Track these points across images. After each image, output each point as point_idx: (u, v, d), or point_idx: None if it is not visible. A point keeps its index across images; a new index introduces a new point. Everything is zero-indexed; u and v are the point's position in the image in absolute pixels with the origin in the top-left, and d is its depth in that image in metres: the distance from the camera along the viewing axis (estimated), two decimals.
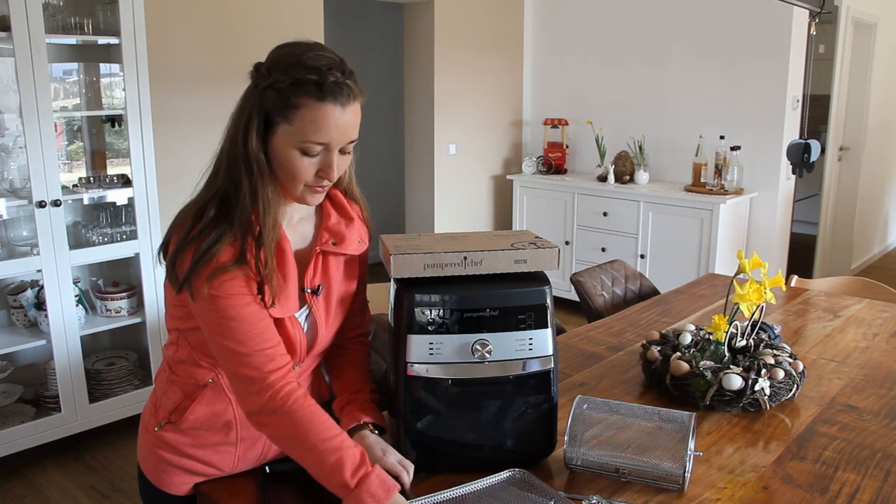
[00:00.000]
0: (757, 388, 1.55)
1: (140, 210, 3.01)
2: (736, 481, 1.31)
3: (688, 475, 1.26)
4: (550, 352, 1.29)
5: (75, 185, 3.01)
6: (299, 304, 1.26)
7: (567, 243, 4.82)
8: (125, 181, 3.08)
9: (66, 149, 3.17)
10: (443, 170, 4.93)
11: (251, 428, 1.25)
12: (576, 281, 2.58)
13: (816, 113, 4.63)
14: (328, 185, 1.21)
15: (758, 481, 1.31)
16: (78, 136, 3.20)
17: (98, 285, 3.11)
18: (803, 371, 1.67)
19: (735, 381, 1.55)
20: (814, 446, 1.44)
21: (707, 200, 4.16)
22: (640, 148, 4.71)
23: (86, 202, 3.12)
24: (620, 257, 3.58)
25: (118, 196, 3.12)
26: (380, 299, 1.67)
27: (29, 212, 2.79)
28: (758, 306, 1.66)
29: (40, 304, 2.87)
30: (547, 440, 1.34)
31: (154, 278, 3.08)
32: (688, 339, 1.76)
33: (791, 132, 4.32)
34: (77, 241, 2.98)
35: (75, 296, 2.91)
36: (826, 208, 5.41)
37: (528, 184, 5.00)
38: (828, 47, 5.17)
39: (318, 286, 1.28)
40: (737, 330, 1.70)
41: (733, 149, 4.27)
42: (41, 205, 2.72)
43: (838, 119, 5.31)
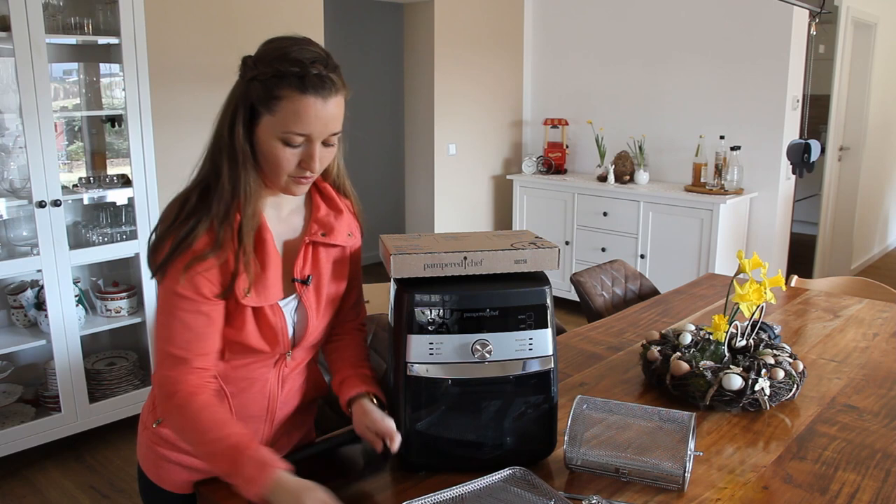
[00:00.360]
0: (757, 388, 1.55)
1: (140, 210, 3.01)
2: (736, 481, 1.31)
3: (688, 475, 1.26)
4: (550, 352, 1.29)
5: (75, 185, 3.01)
6: (286, 293, 1.28)
7: (567, 243, 4.82)
8: (125, 181, 3.08)
9: (66, 149, 3.17)
10: (443, 170, 4.94)
11: (246, 423, 1.28)
12: (576, 281, 2.58)
13: (816, 113, 4.63)
14: (311, 177, 1.22)
15: (758, 481, 1.31)
16: (78, 136, 3.20)
17: (98, 285, 3.11)
18: (803, 371, 1.67)
19: (735, 381, 1.55)
20: (814, 446, 1.44)
21: (707, 200, 4.17)
22: (640, 148, 4.71)
23: (86, 202, 3.12)
24: (620, 257, 3.58)
25: (118, 196, 3.12)
26: (380, 299, 1.67)
27: (29, 212, 2.79)
28: (758, 306, 1.66)
29: (40, 304, 2.87)
30: (547, 440, 1.34)
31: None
32: (688, 339, 1.76)
33: (791, 132, 4.32)
34: (77, 241, 2.98)
35: (75, 296, 2.91)
36: (826, 208, 5.41)
37: (528, 184, 5.00)
38: (828, 47, 5.17)
39: (309, 276, 1.29)
40: (737, 330, 1.70)
41: (733, 149, 4.27)
42: (41, 205, 2.72)
43: (838, 119, 5.31)
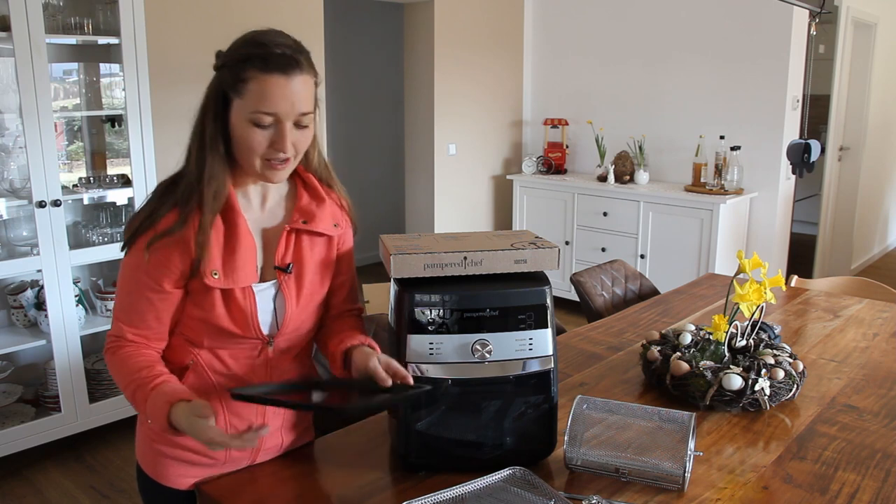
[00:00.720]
0: (757, 388, 1.55)
1: None
2: (736, 481, 1.31)
3: (688, 475, 1.26)
4: (550, 352, 1.29)
5: (75, 185, 3.01)
6: (266, 278, 1.29)
7: (567, 243, 4.82)
8: (125, 181, 3.08)
9: (66, 149, 3.17)
10: (443, 170, 4.93)
11: (240, 415, 1.31)
12: (576, 281, 2.58)
13: (816, 113, 4.63)
14: (287, 160, 1.23)
15: (758, 481, 1.31)
16: (78, 136, 3.20)
17: (98, 285, 3.11)
18: (803, 371, 1.67)
19: (735, 381, 1.55)
20: (814, 446, 1.44)
21: (707, 200, 4.17)
22: (640, 148, 4.71)
23: (86, 202, 3.12)
24: (620, 257, 3.58)
25: (118, 196, 3.12)
26: (380, 299, 1.67)
27: (29, 212, 2.79)
28: (758, 306, 1.66)
29: (40, 304, 2.87)
30: (547, 440, 1.34)
31: None
32: (688, 339, 1.76)
33: (791, 132, 4.32)
34: (77, 241, 2.98)
35: (75, 296, 2.91)
36: (826, 208, 5.41)
37: (528, 184, 5.00)
38: (828, 47, 5.17)
39: (289, 264, 1.30)
40: (737, 330, 1.70)
41: (733, 149, 4.27)
42: (41, 205, 2.72)
43: (838, 119, 5.31)
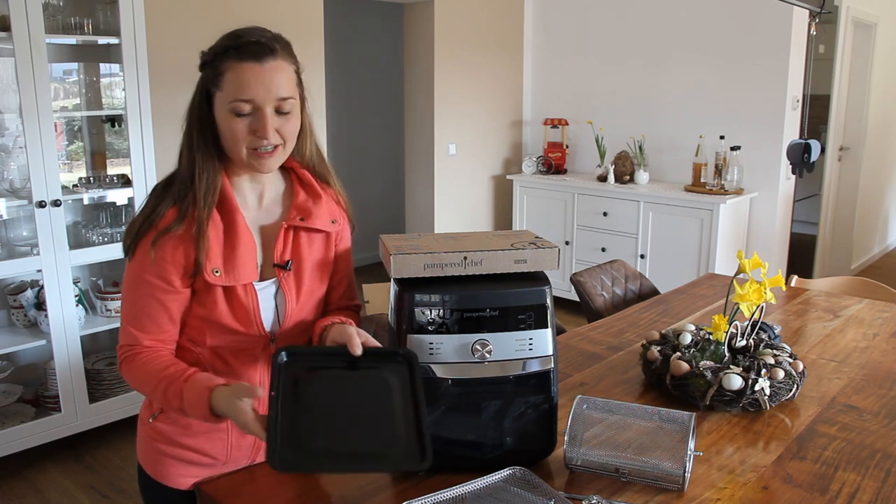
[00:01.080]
0: (757, 388, 1.55)
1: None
2: (736, 481, 1.31)
3: (688, 475, 1.26)
4: (550, 352, 1.29)
5: (75, 185, 3.01)
6: (266, 276, 1.30)
7: (567, 243, 4.82)
8: (125, 181, 3.08)
9: (66, 149, 3.17)
10: (443, 170, 4.94)
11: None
12: (576, 281, 2.58)
13: (816, 113, 4.63)
14: (273, 148, 1.23)
15: (758, 481, 1.31)
16: (78, 136, 3.20)
17: (98, 285, 3.11)
18: (803, 371, 1.67)
19: (735, 381, 1.55)
20: (814, 446, 1.44)
21: (707, 200, 4.16)
22: (640, 148, 4.71)
23: (86, 202, 3.12)
24: (620, 257, 3.58)
25: (118, 196, 3.12)
26: (380, 299, 1.67)
27: (29, 212, 2.79)
28: (758, 306, 1.66)
29: (40, 304, 2.87)
30: (547, 440, 1.34)
31: None
32: (688, 339, 1.76)
33: (791, 132, 4.32)
34: (77, 241, 2.98)
35: (75, 296, 2.91)
36: (826, 208, 5.41)
37: (528, 184, 5.00)
38: (828, 47, 5.17)
39: (288, 261, 1.31)
40: (737, 330, 1.70)
41: (733, 149, 4.27)
42: (41, 205, 2.72)
43: (838, 119, 5.31)
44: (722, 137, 4.32)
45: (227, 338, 1.29)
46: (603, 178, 4.74)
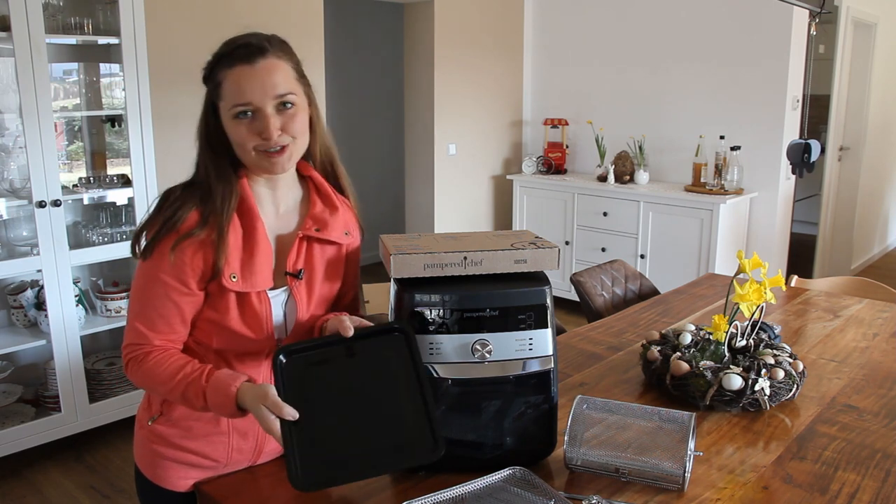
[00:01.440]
0: (757, 388, 1.55)
1: (140, 210, 3.00)
2: (736, 481, 1.31)
3: (688, 475, 1.26)
4: (550, 352, 1.29)
5: (75, 185, 3.01)
6: (277, 285, 1.30)
7: (567, 243, 4.82)
8: (125, 181, 3.08)
9: (66, 149, 3.17)
10: (443, 170, 4.93)
11: (241, 422, 1.30)
12: (576, 281, 2.58)
13: (816, 113, 4.63)
14: (278, 146, 1.24)
15: (758, 481, 1.31)
16: (78, 136, 3.20)
17: (98, 285, 3.11)
18: (803, 371, 1.67)
19: (735, 381, 1.55)
20: (814, 446, 1.44)
21: (707, 200, 4.16)
22: (640, 148, 4.71)
23: (86, 202, 3.12)
24: (620, 257, 3.58)
25: (118, 196, 3.12)
26: (380, 299, 1.67)
27: (29, 212, 2.79)
28: (758, 306, 1.66)
29: (40, 304, 2.87)
30: (547, 440, 1.34)
31: None
32: (688, 339, 1.76)
33: (791, 132, 4.32)
34: (77, 241, 2.98)
35: (75, 296, 2.91)
36: (826, 208, 5.41)
37: (528, 184, 5.00)
38: (828, 47, 5.17)
39: (300, 270, 1.31)
40: (737, 330, 1.70)
41: (733, 149, 4.27)
42: (41, 205, 2.72)
43: (838, 119, 5.31)
44: (722, 137, 4.31)
45: (235, 342, 1.29)
46: (603, 178, 4.74)
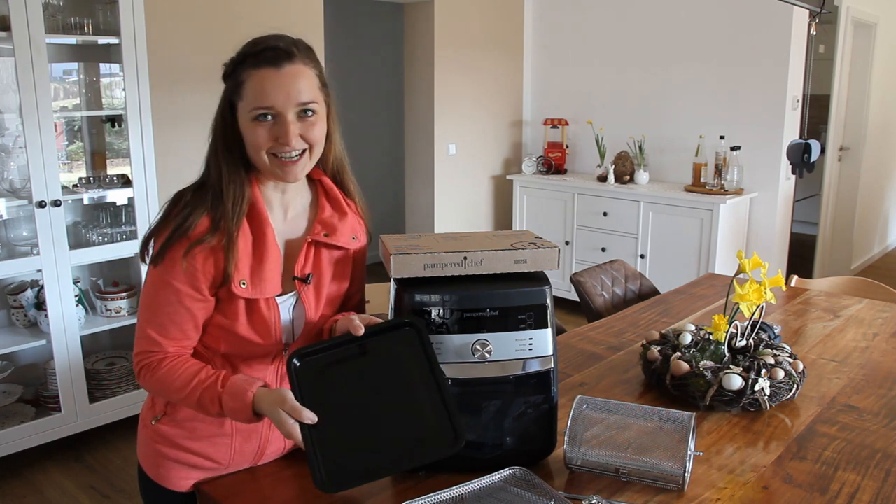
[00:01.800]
0: (757, 388, 1.55)
1: (140, 210, 3.01)
2: (736, 481, 1.31)
3: (688, 475, 1.26)
4: (550, 352, 1.29)
5: (75, 185, 3.01)
6: (285, 290, 1.29)
7: (567, 243, 4.82)
8: (125, 181, 3.08)
9: (66, 149, 3.16)
10: (443, 170, 4.93)
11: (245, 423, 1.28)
12: (576, 281, 2.58)
13: (816, 113, 4.63)
14: (294, 155, 1.23)
15: (758, 481, 1.31)
16: (78, 136, 3.20)
17: (98, 285, 3.11)
18: (803, 371, 1.67)
19: (735, 381, 1.55)
20: (814, 446, 1.44)
21: (707, 200, 4.16)
22: (640, 148, 4.71)
23: (86, 202, 3.12)
24: (620, 257, 3.58)
25: (118, 196, 3.12)
26: (380, 299, 1.67)
27: (29, 212, 2.79)
28: (758, 306, 1.66)
29: (40, 304, 2.87)
30: (547, 440, 1.34)
31: None
32: (688, 339, 1.76)
33: (791, 132, 4.32)
34: (77, 241, 2.98)
35: (75, 296, 2.91)
36: (826, 208, 5.41)
37: (528, 184, 5.00)
38: (828, 47, 5.17)
39: (309, 275, 1.31)
40: (737, 330, 1.70)
41: (733, 149, 4.27)
42: (41, 205, 2.72)
43: (838, 119, 5.31)
44: (722, 137, 4.31)
45: (242, 347, 1.29)
46: (603, 178, 4.74)
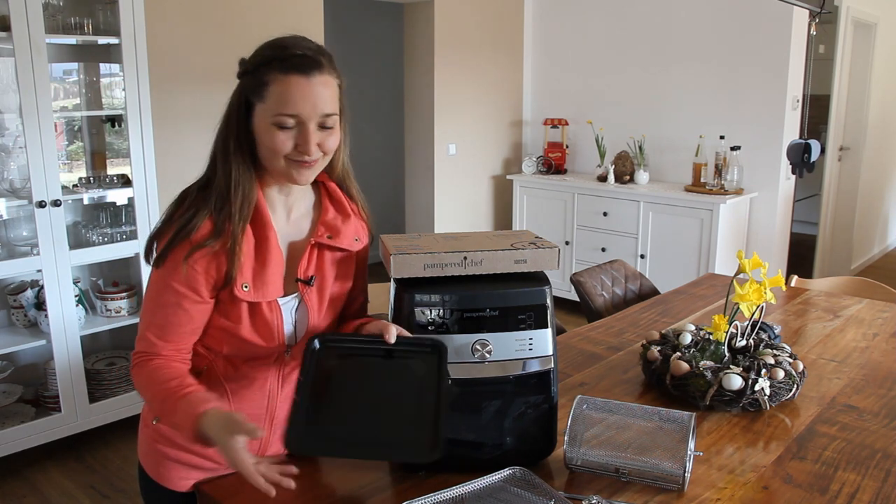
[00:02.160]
0: (757, 388, 1.55)
1: (140, 210, 3.01)
2: (736, 481, 1.31)
3: (688, 475, 1.26)
4: (550, 352, 1.29)
5: (75, 185, 3.01)
6: (287, 292, 1.29)
7: (567, 243, 4.82)
8: (125, 181, 3.08)
9: (66, 149, 3.16)
10: (443, 170, 4.93)
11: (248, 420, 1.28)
12: (576, 281, 2.58)
13: (816, 113, 4.63)
14: (311, 160, 1.22)
15: (758, 481, 1.31)
16: (78, 136, 3.20)
17: (98, 285, 3.11)
18: (803, 371, 1.67)
19: (735, 381, 1.55)
20: (814, 446, 1.44)
21: (707, 200, 4.16)
22: (640, 148, 4.71)
23: (86, 202, 3.12)
24: (620, 257, 3.58)
25: (118, 196, 3.12)
26: (380, 299, 1.67)
27: (29, 212, 2.79)
28: (758, 306, 1.66)
29: (40, 304, 2.87)
30: (547, 440, 1.34)
31: None
32: (688, 339, 1.76)
33: (791, 132, 4.32)
34: (77, 241, 2.98)
35: (75, 296, 2.91)
36: (826, 208, 5.41)
37: (528, 184, 5.00)
38: (828, 47, 5.17)
39: (312, 277, 1.30)
40: (737, 330, 1.70)
41: (733, 149, 4.27)
42: (41, 205, 2.72)
43: (838, 119, 5.31)
44: (722, 137, 4.31)
45: (245, 348, 1.29)
46: (603, 178, 4.74)
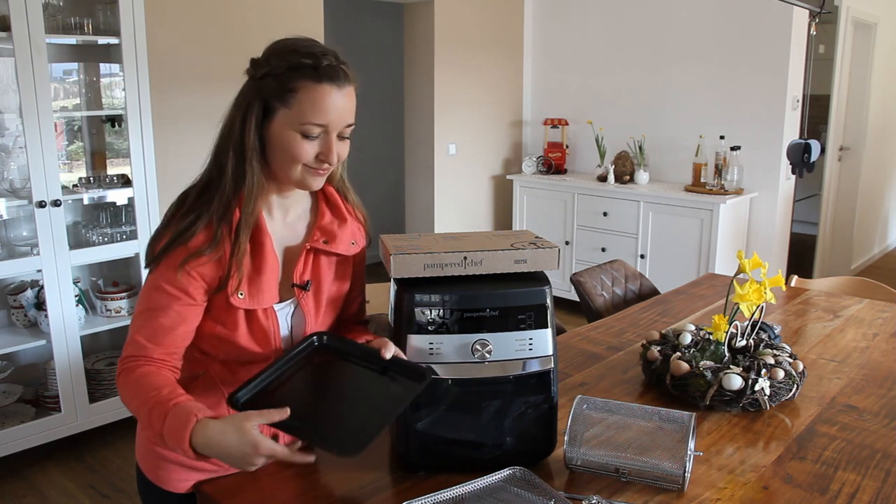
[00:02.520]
0: (757, 388, 1.55)
1: (140, 210, 3.01)
2: (736, 481, 1.31)
3: (688, 475, 1.26)
4: (550, 352, 1.29)
5: (75, 185, 3.01)
6: (283, 297, 1.29)
7: (567, 243, 4.82)
8: (125, 181, 3.08)
9: (66, 149, 3.17)
10: (443, 170, 4.93)
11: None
12: (576, 281, 2.58)
13: (816, 113, 4.63)
14: (328, 169, 1.23)
15: (758, 481, 1.31)
16: (78, 136, 3.20)
17: (98, 285, 3.11)
18: (803, 371, 1.67)
19: (735, 381, 1.55)
20: (814, 446, 1.44)
21: (707, 200, 4.16)
22: (640, 148, 4.71)
23: (86, 202, 3.12)
24: (620, 257, 3.58)
25: (118, 196, 3.12)
26: (380, 299, 1.67)
27: (29, 212, 2.79)
28: (758, 306, 1.66)
29: (40, 304, 2.87)
30: (547, 440, 1.34)
31: None
32: (688, 339, 1.76)
33: (791, 132, 4.32)
34: (77, 241, 2.98)
35: (75, 296, 2.91)
36: (826, 208, 5.41)
37: (528, 184, 5.00)
38: (828, 47, 5.17)
39: (308, 282, 1.30)
40: (737, 330, 1.70)
41: (733, 149, 4.27)
42: (41, 205, 2.72)
43: (838, 119, 5.31)
44: (722, 137, 4.31)
45: (242, 354, 1.28)
46: (603, 178, 4.74)
